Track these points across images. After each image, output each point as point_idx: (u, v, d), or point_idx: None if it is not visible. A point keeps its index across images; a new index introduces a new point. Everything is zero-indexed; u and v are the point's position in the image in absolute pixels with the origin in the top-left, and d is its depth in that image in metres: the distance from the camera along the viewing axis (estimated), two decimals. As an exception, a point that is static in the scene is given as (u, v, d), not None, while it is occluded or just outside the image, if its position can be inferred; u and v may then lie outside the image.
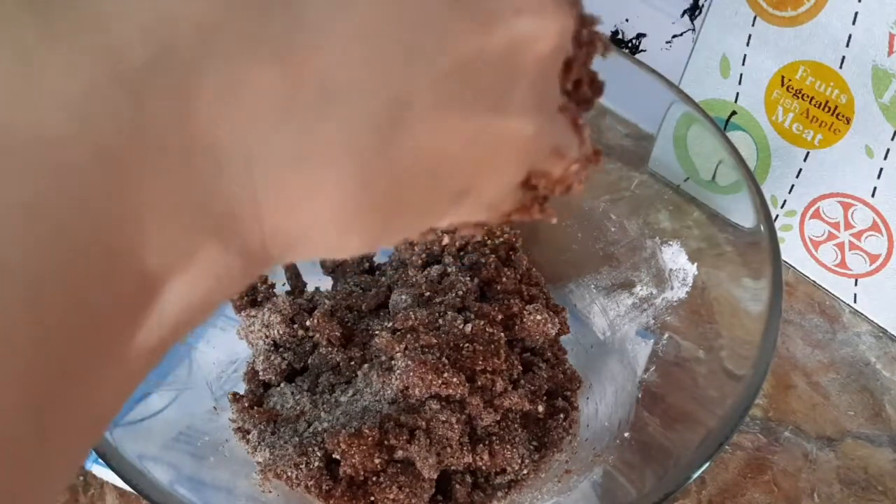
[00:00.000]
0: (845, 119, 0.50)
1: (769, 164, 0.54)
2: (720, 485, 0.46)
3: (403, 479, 0.40)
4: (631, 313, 0.49)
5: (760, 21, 0.51)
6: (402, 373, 0.42)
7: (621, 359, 0.47)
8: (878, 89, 0.47)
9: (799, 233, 0.55)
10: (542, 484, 0.43)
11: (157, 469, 0.35)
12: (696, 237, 0.48)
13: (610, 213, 0.52)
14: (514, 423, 0.43)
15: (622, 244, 0.51)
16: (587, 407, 0.46)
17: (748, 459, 0.47)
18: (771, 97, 0.52)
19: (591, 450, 0.43)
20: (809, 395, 0.50)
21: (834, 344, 0.53)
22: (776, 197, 0.55)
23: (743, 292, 0.43)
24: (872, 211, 0.51)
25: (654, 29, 0.60)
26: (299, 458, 0.41)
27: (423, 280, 0.48)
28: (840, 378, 0.51)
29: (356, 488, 0.40)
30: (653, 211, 0.51)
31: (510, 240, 0.52)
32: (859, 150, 0.50)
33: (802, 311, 0.54)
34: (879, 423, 0.49)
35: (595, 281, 0.51)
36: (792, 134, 0.53)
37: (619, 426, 0.43)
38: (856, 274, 0.53)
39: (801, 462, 0.47)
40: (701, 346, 0.45)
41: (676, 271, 0.47)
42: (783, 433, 0.49)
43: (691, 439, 0.38)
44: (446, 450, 0.41)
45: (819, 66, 0.50)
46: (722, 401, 0.38)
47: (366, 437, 0.40)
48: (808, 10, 0.49)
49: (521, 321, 0.46)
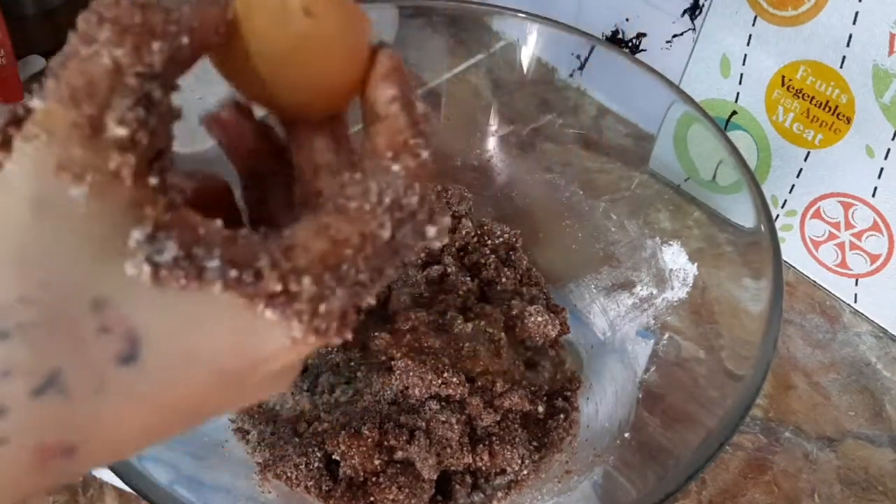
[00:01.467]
0: (846, 119, 0.49)
1: (769, 163, 0.54)
2: (720, 485, 0.46)
3: (403, 480, 0.40)
4: (631, 313, 0.49)
5: (761, 21, 0.51)
6: (402, 373, 0.42)
7: (622, 359, 0.47)
8: (878, 89, 0.47)
9: (799, 233, 0.55)
10: (543, 484, 0.43)
11: (157, 469, 0.35)
12: (697, 237, 0.48)
13: (610, 213, 0.52)
14: (514, 424, 0.43)
15: (622, 244, 0.51)
16: (587, 407, 0.46)
17: (748, 460, 0.47)
18: (771, 97, 0.52)
19: (592, 450, 0.43)
20: (810, 395, 0.50)
21: (834, 344, 0.53)
22: (777, 197, 0.55)
23: (743, 292, 0.43)
24: (873, 211, 0.50)
25: (655, 28, 0.60)
26: (299, 459, 0.41)
27: (423, 280, 0.48)
28: (840, 378, 0.51)
29: (356, 489, 0.40)
30: (653, 211, 0.50)
31: (510, 240, 0.52)
32: (860, 150, 0.50)
33: (803, 312, 0.54)
34: (880, 423, 0.49)
35: (595, 281, 0.51)
36: (792, 134, 0.52)
37: (620, 426, 0.43)
38: (856, 274, 0.53)
39: (802, 462, 0.47)
40: (701, 347, 0.45)
41: (677, 271, 0.47)
42: (783, 433, 0.49)
43: (692, 439, 0.38)
44: (446, 450, 0.41)
45: (819, 65, 0.50)
46: (722, 401, 0.38)
47: (365, 438, 0.40)
48: (809, 9, 0.48)
49: (521, 322, 0.46)
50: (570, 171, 0.54)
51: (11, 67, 0.57)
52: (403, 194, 0.22)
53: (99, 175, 0.19)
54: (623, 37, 0.62)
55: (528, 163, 0.56)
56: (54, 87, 0.19)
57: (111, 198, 0.19)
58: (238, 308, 0.20)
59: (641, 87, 0.49)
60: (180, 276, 0.19)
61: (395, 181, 0.22)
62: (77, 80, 0.19)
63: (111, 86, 0.19)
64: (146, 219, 0.19)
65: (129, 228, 0.19)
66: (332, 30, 0.22)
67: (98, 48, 0.19)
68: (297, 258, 0.20)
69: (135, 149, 0.19)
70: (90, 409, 0.19)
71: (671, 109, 0.49)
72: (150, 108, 0.20)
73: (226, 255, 0.20)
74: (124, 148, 0.19)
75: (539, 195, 0.55)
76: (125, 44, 0.20)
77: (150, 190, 0.20)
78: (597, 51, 0.52)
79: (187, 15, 0.21)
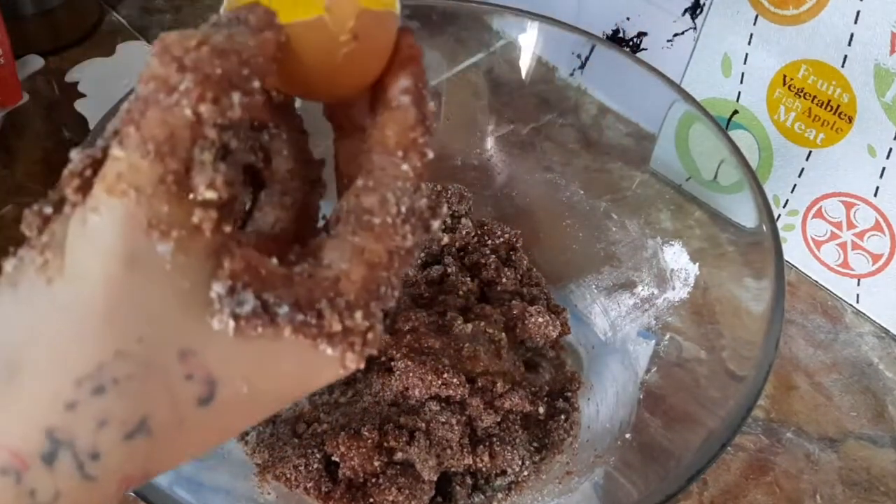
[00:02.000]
0: (847, 118, 0.49)
1: (771, 163, 0.54)
2: (722, 486, 0.46)
3: (403, 481, 0.40)
4: (632, 314, 0.49)
5: (762, 20, 0.51)
6: (402, 374, 0.42)
7: (622, 359, 0.47)
8: (880, 88, 0.47)
9: (801, 232, 0.55)
10: (543, 485, 0.42)
11: (156, 471, 0.35)
12: (698, 237, 0.48)
13: (611, 213, 0.52)
14: (514, 425, 0.43)
15: (623, 244, 0.51)
16: (588, 408, 0.46)
17: (750, 460, 0.47)
18: (773, 96, 0.52)
19: (593, 451, 0.43)
20: (812, 395, 0.50)
21: (836, 344, 0.53)
22: (778, 196, 0.55)
23: (745, 292, 0.42)
24: (875, 210, 0.50)
25: (656, 27, 0.59)
26: (298, 460, 0.41)
27: (424, 280, 0.48)
28: (842, 379, 0.51)
29: (355, 490, 0.40)
30: (654, 211, 0.50)
31: (510, 240, 0.52)
32: (862, 150, 0.49)
33: (805, 312, 0.54)
34: (882, 423, 0.49)
35: (596, 281, 0.51)
36: (794, 133, 0.52)
37: (621, 427, 0.43)
38: (858, 274, 0.53)
39: (804, 463, 0.47)
40: (703, 347, 0.45)
41: (678, 271, 0.47)
42: (785, 434, 0.48)
43: (693, 440, 0.38)
44: (446, 451, 0.41)
45: (821, 64, 0.49)
46: (724, 401, 0.38)
47: (365, 439, 0.40)
48: (810, 8, 0.48)
49: (522, 323, 0.46)
50: (571, 170, 0.54)
51: (10, 67, 0.57)
52: (414, 198, 0.22)
53: (184, 231, 0.20)
54: (624, 36, 0.62)
55: (528, 162, 0.55)
56: (135, 137, 0.19)
57: (193, 250, 0.20)
58: (302, 347, 0.21)
59: (642, 87, 0.49)
60: (258, 325, 0.20)
61: (406, 185, 0.22)
62: (159, 133, 0.19)
63: (192, 138, 0.19)
64: (223, 270, 0.20)
65: (210, 280, 0.20)
66: (375, 43, 0.24)
67: (179, 99, 0.19)
68: (345, 291, 0.21)
69: (218, 204, 0.20)
70: (170, 443, 0.20)
71: (672, 109, 0.49)
72: (228, 159, 0.20)
73: (291, 299, 0.20)
74: (209, 205, 0.20)
75: (539, 195, 0.55)
76: (207, 97, 0.19)
77: (225, 237, 0.20)
78: (597, 50, 0.51)
79: (254, 52, 0.20)
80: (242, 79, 0.20)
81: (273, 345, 0.21)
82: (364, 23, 0.23)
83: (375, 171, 0.22)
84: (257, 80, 0.20)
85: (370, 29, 0.23)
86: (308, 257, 0.22)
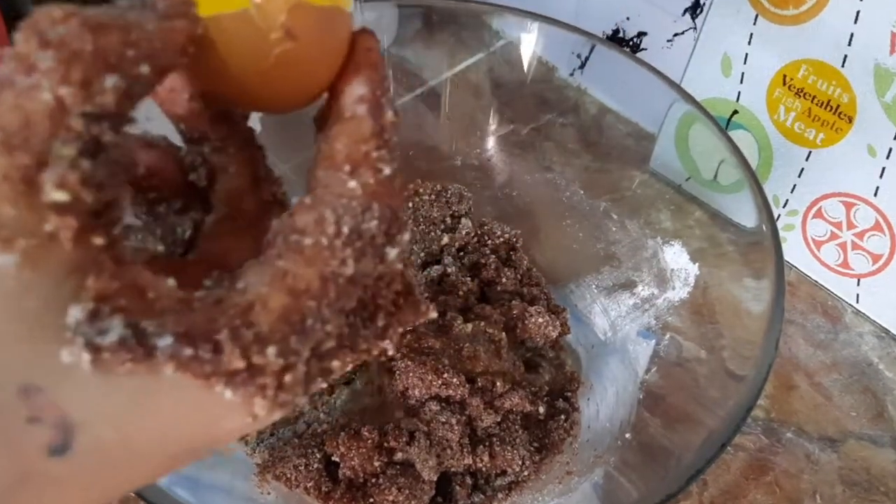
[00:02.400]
0: (847, 118, 0.49)
1: (771, 163, 0.54)
2: (722, 486, 0.46)
3: (403, 481, 0.40)
4: (632, 313, 0.49)
5: (762, 19, 0.51)
6: (402, 374, 0.42)
7: (622, 359, 0.47)
8: (880, 88, 0.47)
9: (801, 232, 0.55)
10: (543, 485, 0.42)
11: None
12: (698, 237, 0.48)
13: (611, 213, 0.52)
14: (514, 425, 0.43)
15: (623, 244, 0.51)
16: (588, 408, 0.46)
17: (750, 460, 0.47)
18: (773, 96, 0.52)
19: (593, 451, 0.43)
20: (811, 395, 0.50)
21: (836, 344, 0.53)
22: (778, 196, 0.55)
23: (745, 292, 0.42)
24: (875, 210, 0.50)
25: (656, 27, 0.59)
26: (298, 460, 0.41)
27: (423, 280, 0.48)
28: (842, 379, 0.51)
29: (355, 490, 0.40)
30: (654, 210, 0.50)
31: (510, 240, 0.52)
32: (861, 150, 0.49)
33: (804, 312, 0.54)
34: (882, 423, 0.49)
35: (596, 281, 0.51)
36: (794, 133, 0.52)
37: (621, 427, 0.43)
38: (858, 274, 0.53)
39: (804, 463, 0.47)
40: (703, 347, 0.45)
41: (678, 271, 0.47)
42: (785, 434, 0.48)
43: (693, 440, 0.37)
44: (446, 451, 0.41)
45: (821, 64, 0.49)
46: (724, 401, 0.38)
47: (365, 439, 0.40)
48: (810, 8, 0.48)
49: (522, 323, 0.46)
50: (571, 170, 0.54)
51: (10, 67, 0.57)
52: (361, 219, 0.19)
53: (33, 239, 0.16)
54: (624, 36, 0.62)
55: (528, 162, 0.55)
56: None
57: (46, 266, 0.16)
58: (192, 388, 0.17)
59: (642, 87, 0.49)
60: (126, 360, 0.16)
61: (352, 203, 0.19)
62: (10, 120, 0.16)
63: (51, 129, 0.16)
64: (87, 291, 0.16)
65: (67, 303, 0.16)
66: (316, 45, 0.21)
67: (38, 79, 0.16)
68: (257, 321, 0.17)
69: (77, 209, 0.16)
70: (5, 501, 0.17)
71: (672, 109, 0.49)
72: (98, 156, 0.17)
73: (179, 328, 0.17)
74: (64, 210, 0.16)
75: (539, 195, 0.55)
76: (71, 78, 0.16)
77: (93, 251, 0.16)
78: (597, 50, 0.51)
79: (149, 35, 0.17)
80: (124, 60, 0.17)
81: (153, 384, 0.17)
82: (300, 19, 0.20)
83: (318, 188, 0.19)
84: (146, 65, 0.17)
85: (309, 27, 0.20)
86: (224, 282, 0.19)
